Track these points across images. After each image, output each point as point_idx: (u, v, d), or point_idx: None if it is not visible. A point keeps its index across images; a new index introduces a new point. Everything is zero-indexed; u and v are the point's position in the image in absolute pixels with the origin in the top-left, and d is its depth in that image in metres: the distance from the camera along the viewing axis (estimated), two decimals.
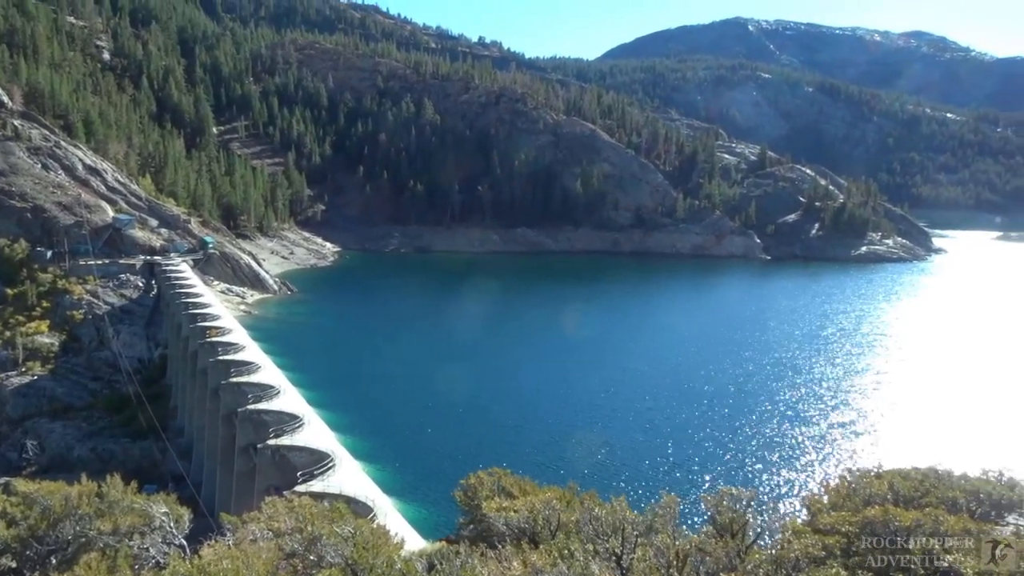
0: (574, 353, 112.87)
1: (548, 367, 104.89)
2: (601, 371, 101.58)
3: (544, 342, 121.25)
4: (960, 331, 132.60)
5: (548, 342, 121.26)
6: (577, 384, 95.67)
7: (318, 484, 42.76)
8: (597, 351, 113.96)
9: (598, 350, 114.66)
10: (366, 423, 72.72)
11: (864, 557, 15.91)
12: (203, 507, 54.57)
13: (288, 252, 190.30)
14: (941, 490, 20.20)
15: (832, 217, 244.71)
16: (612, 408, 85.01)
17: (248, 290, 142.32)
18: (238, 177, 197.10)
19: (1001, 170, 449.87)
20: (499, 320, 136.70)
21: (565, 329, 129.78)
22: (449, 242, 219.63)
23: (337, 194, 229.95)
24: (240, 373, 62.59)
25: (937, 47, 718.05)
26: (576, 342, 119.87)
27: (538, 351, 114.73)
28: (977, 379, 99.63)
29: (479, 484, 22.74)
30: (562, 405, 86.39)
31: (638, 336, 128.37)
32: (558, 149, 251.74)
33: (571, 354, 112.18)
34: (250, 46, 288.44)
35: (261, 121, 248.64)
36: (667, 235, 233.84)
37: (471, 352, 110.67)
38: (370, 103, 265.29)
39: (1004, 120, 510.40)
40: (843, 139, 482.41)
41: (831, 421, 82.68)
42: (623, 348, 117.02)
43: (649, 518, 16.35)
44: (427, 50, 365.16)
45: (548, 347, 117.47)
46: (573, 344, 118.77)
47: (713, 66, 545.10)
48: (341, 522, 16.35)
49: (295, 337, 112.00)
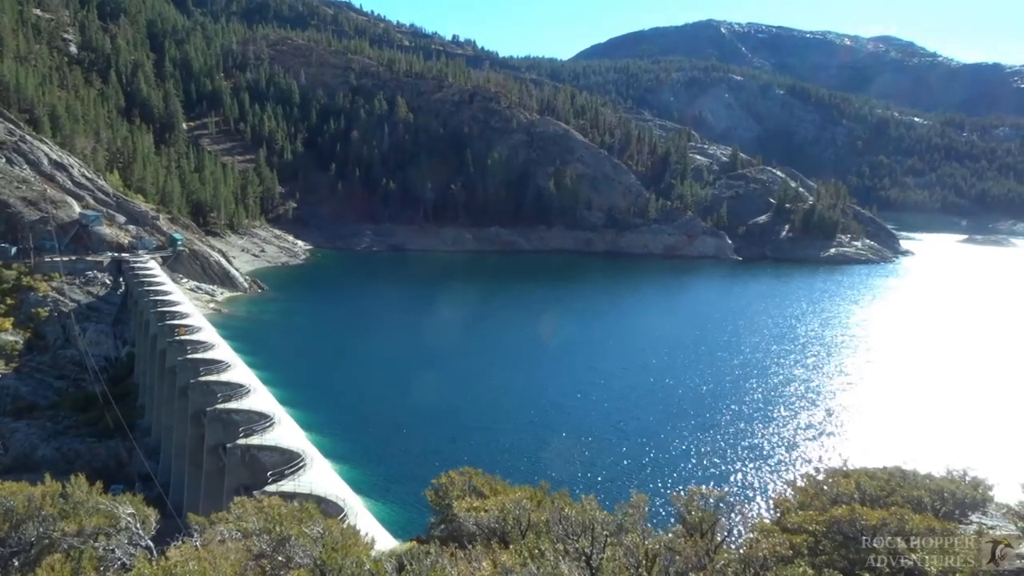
0: (546, 353, 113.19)
1: (520, 367, 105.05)
2: (573, 371, 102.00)
3: (516, 342, 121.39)
4: (927, 333, 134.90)
5: (520, 342, 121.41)
6: (549, 384, 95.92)
7: (288, 484, 42.35)
8: (569, 351, 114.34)
9: (570, 350, 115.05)
10: (338, 422, 72.32)
11: (831, 556, 16.12)
12: (171, 507, 53.92)
13: (259, 250, 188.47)
14: (907, 489, 20.49)
15: (802, 219, 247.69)
16: (583, 408, 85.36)
17: (218, 288, 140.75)
18: (208, 174, 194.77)
19: (967, 174, 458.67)
20: (471, 320, 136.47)
21: (537, 329, 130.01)
22: (422, 241, 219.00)
23: (309, 192, 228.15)
24: (209, 372, 61.88)
25: (905, 52, 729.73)
26: (548, 342, 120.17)
27: (510, 351, 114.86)
28: (943, 380, 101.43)
29: (450, 484, 22.68)
30: (534, 405, 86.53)
31: (609, 336, 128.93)
32: (532, 149, 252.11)
33: (543, 354, 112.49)
34: (221, 41, 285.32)
35: (232, 117, 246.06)
36: (639, 235, 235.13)
37: (443, 352, 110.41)
38: (343, 100, 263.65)
39: (970, 125, 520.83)
40: (813, 142, 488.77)
41: (800, 421, 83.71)
42: (594, 348, 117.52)
43: (619, 517, 16.42)
44: (400, 48, 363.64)
45: (520, 347, 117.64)
46: (545, 344, 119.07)
47: (686, 68, 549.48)
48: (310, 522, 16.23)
49: (266, 336, 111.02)
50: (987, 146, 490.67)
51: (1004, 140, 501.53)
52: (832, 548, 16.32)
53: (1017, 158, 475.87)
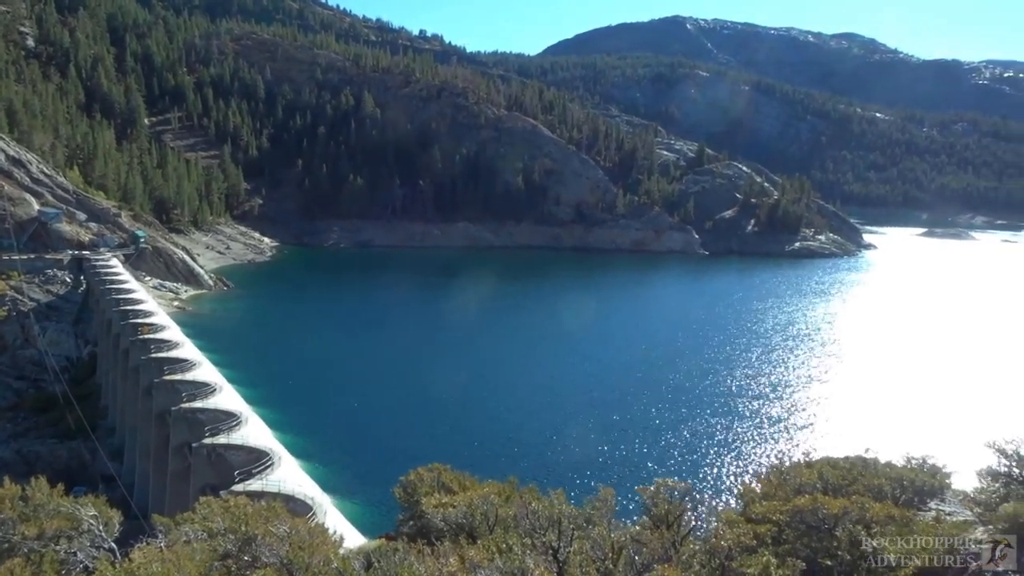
0: (515, 349, 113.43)
1: (489, 363, 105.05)
2: (540, 367, 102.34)
3: (485, 338, 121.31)
4: (889, 325, 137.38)
5: (489, 338, 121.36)
6: (519, 380, 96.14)
7: (256, 483, 41.99)
8: (537, 347, 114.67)
9: (538, 346, 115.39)
10: (306, 420, 71.77)
11: (794, 545, 16.41)
12: (135, 509, 53.20)
13: (224, 247, 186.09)
14: (868, 478, 20.90)
15: (767, 213, 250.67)
16: (553, 403, 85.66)
17: (182, 286, 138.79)
18: (171, 170, 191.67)
19: (927, 168, 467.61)
20: (439, 316, 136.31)
21: (505, 325, 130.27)
22: (390, 236, 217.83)
23: (275, 188, 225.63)
24: (174, 371, 61.09)
25: (868, 49, 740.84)
26: (516, 338, 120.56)
27: (479, 347, 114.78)
28: (905, 370, 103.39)
29: (419, 480, 22.66)
30: (505, 401, 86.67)
31: (577, 333, 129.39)
32: (500, 144, 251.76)
33: (512, 350, 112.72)
34: (184, 35, 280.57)
35: (195, 113, 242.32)
36: (607, 230, 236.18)
37: (412, 348, 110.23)
38: (309, 96, 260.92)
39: (929, 120, 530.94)
40: (778, 137, 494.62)
41: (766, 413, 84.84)
42: (563, 345, 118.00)
43: (587, 511, 16.55)
44: (367, 42, 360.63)
45: (489, 343, 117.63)
46: (513, 340, 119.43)
47: (652, 64, 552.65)
48: (277, 521, 16.11)
49: (232, 334, 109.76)
50: (946, 141, 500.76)
51: (963, 135, 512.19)
52: (795, 537, 16.60)
53: (975, 153, 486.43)
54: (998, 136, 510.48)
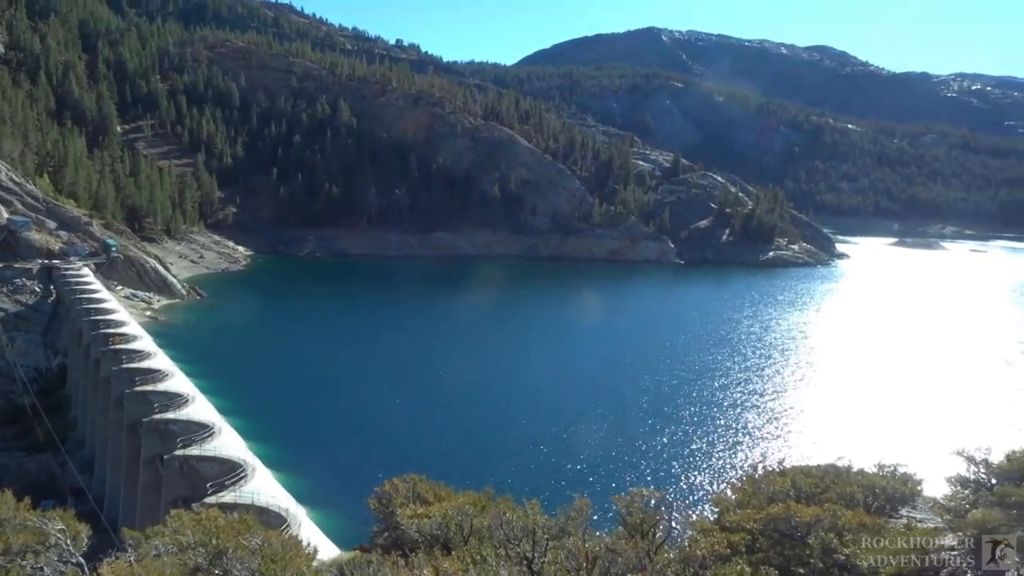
0: (490, 358, 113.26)
1: (465, 372, 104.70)
2: (516, 376, 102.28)
3: (461, 347, 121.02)
4: (862, 334, 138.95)
5: (465, 347, 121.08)
6: (494, 389, 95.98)
7: (229, 495, 41.54)
8: (513, 357, 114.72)
9: (515, 356, 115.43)
10: (281, 431, 71.04)
11: (767, 553, 16.51)
12: (105, 522, 52.32)
13: (198, 256, 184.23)
14: (840, 486, 21.09)
15: (742, 223, 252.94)
16: (529, 413, 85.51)
17: (154, 295, 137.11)
18: (144, 178, 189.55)
19: (898, 179, 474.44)
20: (414, 326, 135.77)
21: (481, 335, 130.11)
22: (366, 246, 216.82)
23: (249, 196, 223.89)
24: (146, 381, 60.30)
25: (839, 61, 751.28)
26: (492, 348, 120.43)
27: (455, 356, 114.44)
28: (878, 379, 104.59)
29: (394, 491, 22.51)
30: (481, 410, 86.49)
31: (554, 342, 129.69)
32: (476, 154, 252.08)
33: (487, 359, 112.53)
34: (157, 42, 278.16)
35: (169, 120, 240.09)
36: (584, 240, 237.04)
37: (387, 358, 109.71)
38: (284, 104, 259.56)
39: (900, 132, 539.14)
40: (752, 147, 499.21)
41: (741, 422, 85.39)
42: (537, 353, 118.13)
43: (562, 521, 16.54)
44: (343, 51, 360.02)
45: (465, 352, 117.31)
46: (489, 349, 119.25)
47: (628, 74, 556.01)
48: (248, 534, 15.92)
49: (205, 344, 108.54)
50: (916, 152, 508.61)
51: (932, 147, 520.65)
52: (768, 545, 16.71)
53: (944, 164, 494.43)
54: (967, 148, 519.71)
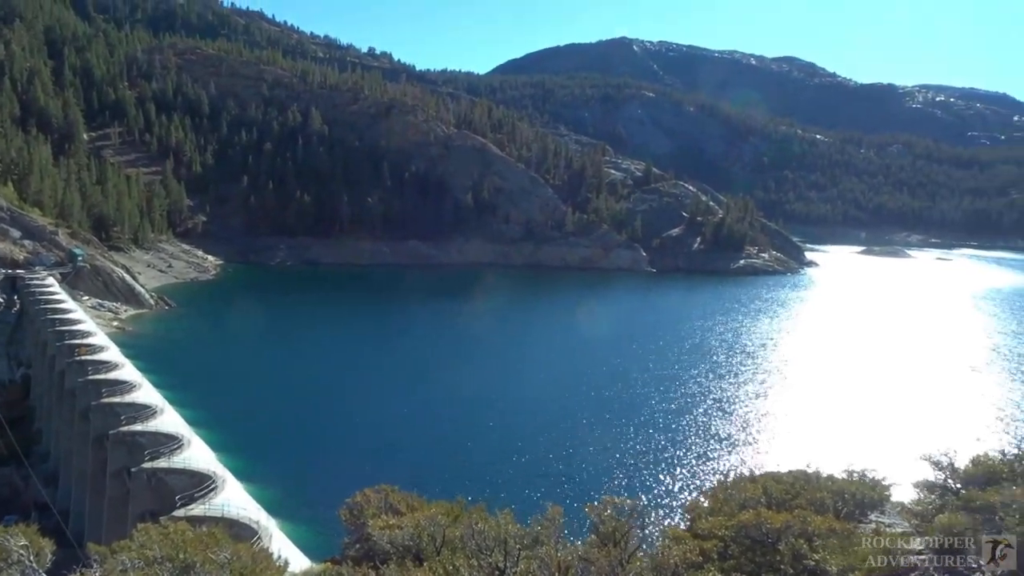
0: (463, 367, 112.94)
1: (437, 382, 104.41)
2: (488, 385, 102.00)
3: (433, 356, 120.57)
4: (831, 340, 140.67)
5: (437, 356, 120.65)
6: (466, 398, 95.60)
7: (198, 508, 41.00)
8: (485, 365, 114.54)
9: (486, 364, 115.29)
10: (251, 442, 70.18)
11: (739, 560, 16.57)
12: (71, 537, 51.26)
13: (166, 265, 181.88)
14: (810, 492, 21.26)
15: (712, 232, 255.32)
16: (502, 422, 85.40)
17: (122, 305, 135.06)
18: (111, 186, 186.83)
19: (865, 188, 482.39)
20: (386, 335, 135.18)
21: (453, 343, 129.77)
22: (338, 254, 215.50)
23: (220, 205, 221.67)
24: (113, 393, 59.33)
25: (807, 72, 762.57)
26: (464, 356, 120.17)
27: (427, 365, 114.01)
28: (847, 385, 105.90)
29: (366, 502, 22.31)
30: (454, 420, 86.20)
31: (526, 350, 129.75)
32: (449, 162, 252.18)
33: (460, 368, 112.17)
34: (125, 49, 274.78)
35: (137, 128, 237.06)
36: (557, 248, 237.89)
37: (359, 368, 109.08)
38: (255, 112, 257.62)
39: (867, 142, 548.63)
40: (722, 157, 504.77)
41: (713, 429, 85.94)
42: (510, 361, 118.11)
43: (534, 530, 16.49)
44: (315, 59, 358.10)
45: (437, 361, 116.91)
46: (461, 358, 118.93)
47: (600, 84, 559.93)
48: (217, 547, 15.68)
49: (174, 354, 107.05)
50: (883, 162, 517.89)
51: (898, 157, 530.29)
52: (740, 552, 16.77)
53: (909, 174, 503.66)
54: (931, 158, 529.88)
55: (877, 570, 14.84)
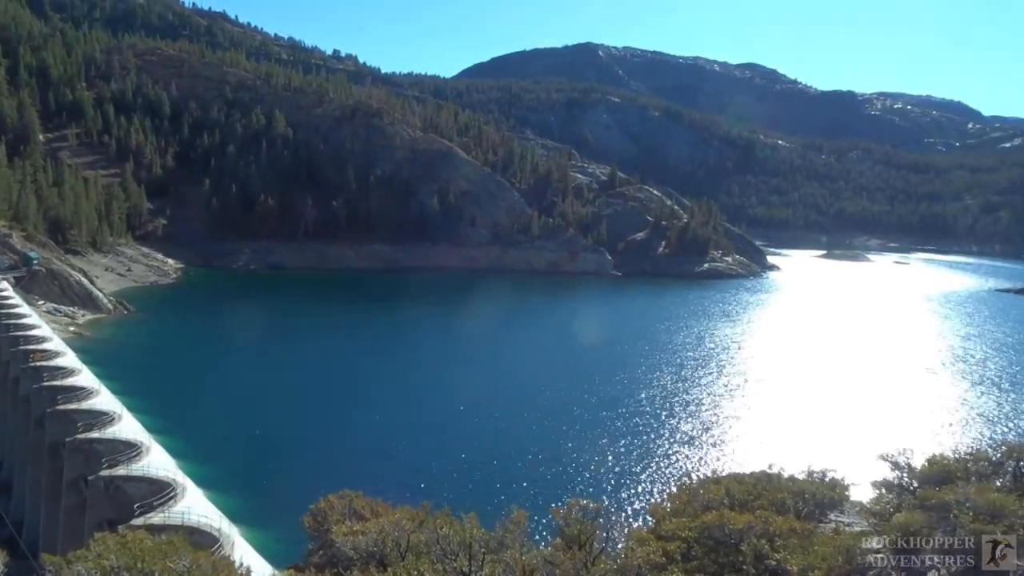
0: (427, 371, 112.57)
1: (402, 386, 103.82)
2: (453, 389, 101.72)
3: (397, 361, 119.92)
4: (793, 343, 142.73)
5: (401, 361, 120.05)
6: (431, 402, 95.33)
7: (157, 516, 40.16)
8: (450, 369, 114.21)
9: (451, 368, 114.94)
10: (213, 449, 69.17)
11: (702, 560, 16.72)
12: (24, 548, 50.13)
13: (125, 269, 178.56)
14: (772, 492, 21.54)
15: (677, 236, 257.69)
16: (466, 426, 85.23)
17: (79, 310, 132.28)
18: (68, 188, 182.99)
19: (825, 194, 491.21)
20: (349, 340, 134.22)
21: (418, 347, 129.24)
22: (302, 259, 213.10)
23: (181, 208, 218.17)
24: (69, 400, 57.91)
25: (769, 79, 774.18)
26: (429, 360, 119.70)
27: (391, 370, 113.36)
28: (808, 386, 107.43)
29: (329, 508, 22.13)
30: (418, 424, 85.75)
31: (491, 354, 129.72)
32: (415, 166, 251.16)
33: (424, 372, 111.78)
34: (83, 49, 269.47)
35: (95, 129, 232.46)
36: (523, 252, 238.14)
37: (322, 373, 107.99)
38: (217, 114, 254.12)
39: (827, 148, 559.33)
40: (687, 161, 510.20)
41: (678, 431, 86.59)
42: (476, 365, 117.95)
43: (499, 534, 16.45)
44: (279, 61, 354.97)
45: (401, 366, 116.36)
46: (426, 362, 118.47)
47: (566, 88, 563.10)
48: (176, 556, 15.40)
49: (133, 360, 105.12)
50: (843, 168, 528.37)
51: (857, 162, 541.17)
52: (703, 553, 16.92)
53: (868, 179, 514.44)
54: (889, 164, 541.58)
55: (836, 569, 15.06)
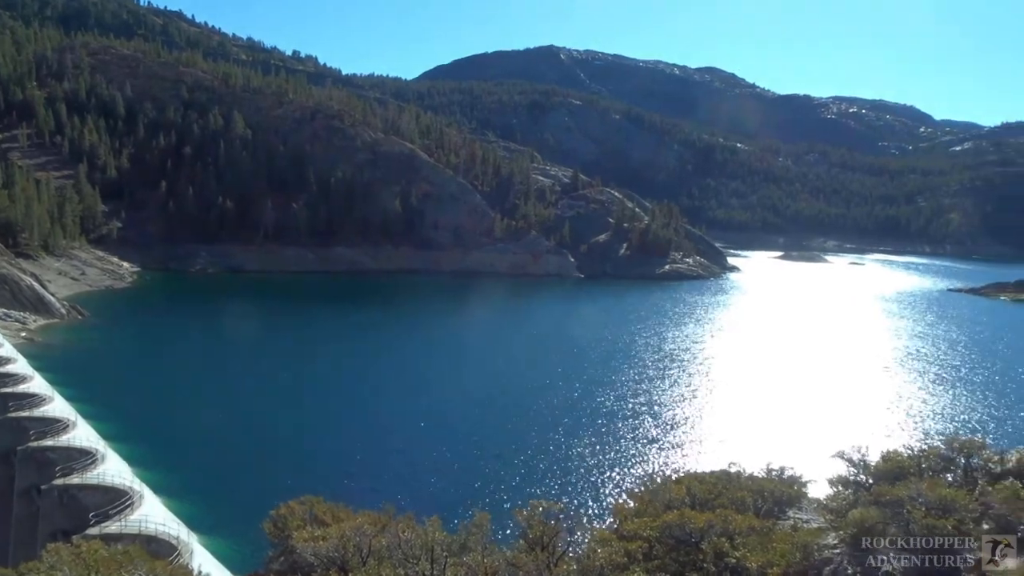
0: (390, 375, 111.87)
1: (363, 390, 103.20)
2: (414, 392, 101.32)
3: (357, 364, 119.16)
4: (753, 343, 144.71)
5: (361, 364, 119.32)
6: (394, 406, 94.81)
7: (114, 525, 39.51)
8: (413, 372, 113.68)
9: (414, 371, 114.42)
10: (170, 455, 67.92)
11: (664, 560, 16.89)
12: None
13: (79, 273, 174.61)
14: (732, 491, 21.83)
15: (639, 237, 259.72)
16: (429, 429, 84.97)
17: (30, 315, 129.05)
18: (19, 190, 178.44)
19: (783, 196, 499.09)
20: (309, 343, 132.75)
21: (378, 351, 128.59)
22: (262, 262, 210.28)
23: (137, 210, 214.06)
24: (21, 407, 56.64)
25: (728, 82, 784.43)
26: (391, 364, 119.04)
27: (352, 373, 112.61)
28: (767, 385, 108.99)
29: (290, 514, 21.88)
30: (380, 427, 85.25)
31: (454, 356, 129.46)
32: (376, 168, 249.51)
33: (387, 376, 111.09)
34: (34, 47, 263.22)
35: (47, 130, 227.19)
36: (486, 254, 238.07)
37: (281, 377, 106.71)
38: (174, 115, 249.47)
39: (784, 151, 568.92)
40: (647, 164, 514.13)
41: (640, 432, 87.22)
42: (438, 368, 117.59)
43: (462, 537, 16.43)
44: (237, 61, 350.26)
45: (362, 369, 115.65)
46: (387, 366, 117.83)
47: (528, 91, 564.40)
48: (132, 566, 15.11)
49: (87, 366, 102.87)
50: (800, 171, 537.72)
51: (814, 165, 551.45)
52: (664, 552, 17.09)
53: (825, 182, 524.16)
54: (845, 167, 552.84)
55: (794, 566, 15.32)
